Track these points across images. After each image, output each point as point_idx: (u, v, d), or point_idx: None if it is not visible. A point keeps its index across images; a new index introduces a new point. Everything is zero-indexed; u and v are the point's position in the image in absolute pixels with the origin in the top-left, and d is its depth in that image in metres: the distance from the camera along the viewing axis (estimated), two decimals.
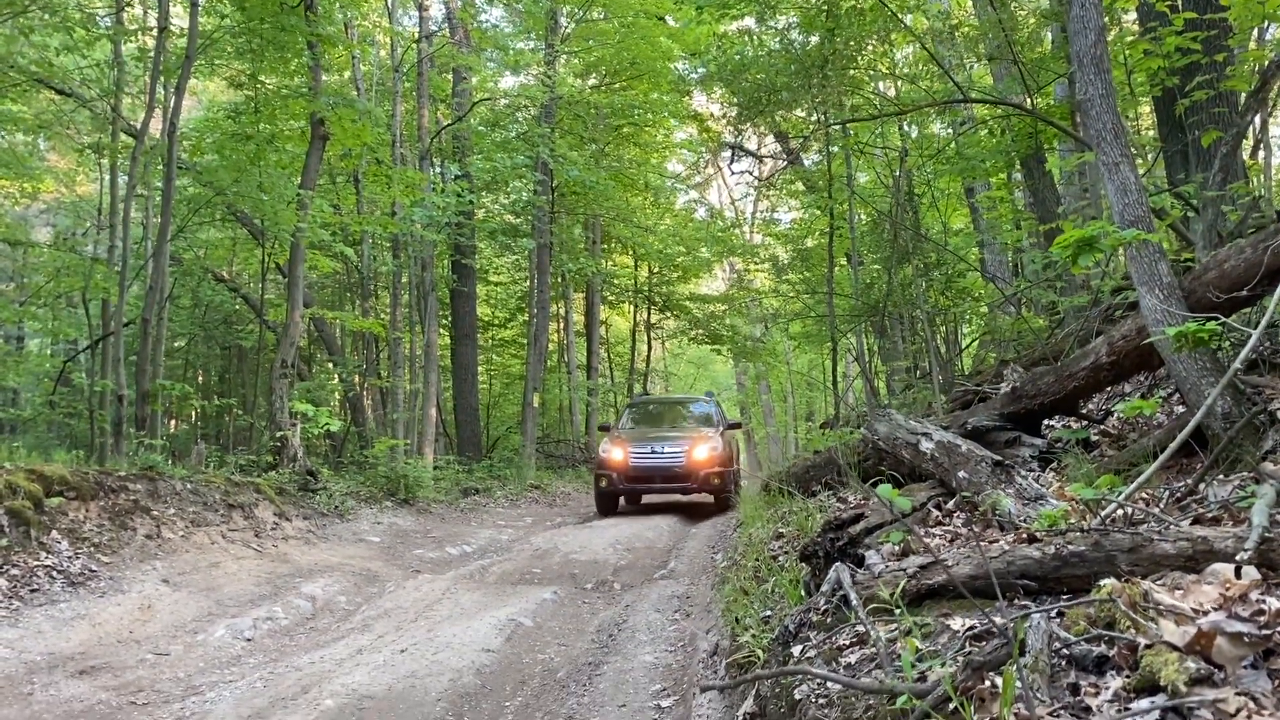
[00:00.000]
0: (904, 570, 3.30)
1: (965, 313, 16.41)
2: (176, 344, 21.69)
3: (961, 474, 4.52)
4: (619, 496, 14.56)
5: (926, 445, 4.92)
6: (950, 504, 4.54)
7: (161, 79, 12.73)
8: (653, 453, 13.87)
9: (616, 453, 13.91)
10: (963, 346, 17.31)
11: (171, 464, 10.96)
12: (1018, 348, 11.33)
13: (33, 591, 7.03)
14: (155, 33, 12.21)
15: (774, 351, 30.20)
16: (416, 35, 18.56)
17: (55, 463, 9.22)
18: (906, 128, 15.01)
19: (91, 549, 7.88)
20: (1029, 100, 10.31)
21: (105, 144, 13.93)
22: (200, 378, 24.54)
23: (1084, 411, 5.64)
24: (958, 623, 2.82)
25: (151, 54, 12.75)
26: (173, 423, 20.94)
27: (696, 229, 27.17)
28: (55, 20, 11.57)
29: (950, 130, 14.31)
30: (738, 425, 15.93)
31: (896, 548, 3.64)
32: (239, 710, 5.01)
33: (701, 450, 13.87)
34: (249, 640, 6.77)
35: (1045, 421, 5.75)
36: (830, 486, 7.17)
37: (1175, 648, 1.92)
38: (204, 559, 8.70)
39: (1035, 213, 12.83)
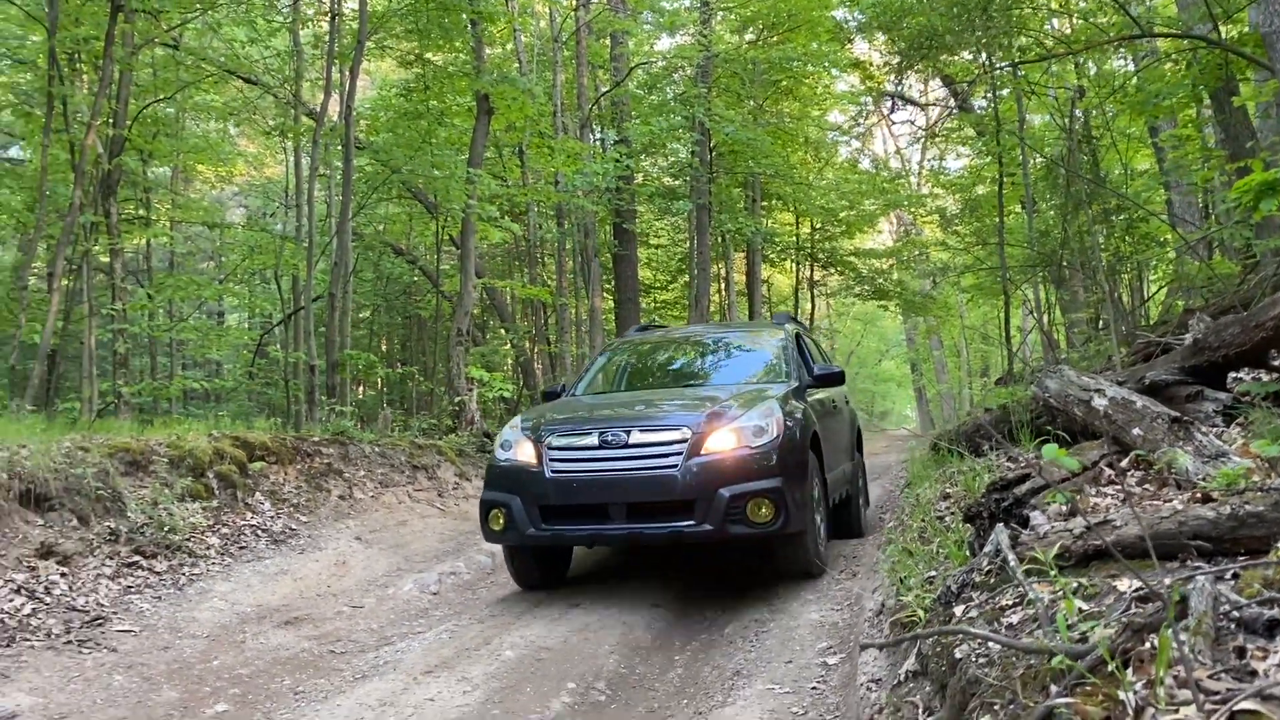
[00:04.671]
0: (1070, 530, 3.25)
1: (1151, 260, 15.51)
2: (361, 315, 22.91)
3: (1136, 431, 4.36)
4: (533, 554, 6.94)
5: (1099, 402, 4.75)
6: (1124, 462, 4.39)
7: (336, 63, 13.44)
8: (604, 446, 6.35)
9: (525, 450, 6.59)
10: (1148, 295, 16.40)
11: (360, 429, 11.67)
12: (1207, 295, 10.66)
13: (241, 549, 7.70)
14: (329, 19, 12.86)
15: (945, 305, 29.31)
16: (574, 4, 18.82)
17: (256, 429, 9.99)
18: (1082, 63, 14.23)
19: (291, 509, 8.53)
20: (1217, 29, 9.62)
21: (288, 128, 14.82)
22: (384, 345, 25.87)
23: (1274, 363, 5.30)
24: (1124, 584, 2.77)
25: (326, 39, 13.49)
26: (360, 389, 22.21)
27: (860, 181, 26.58)
28: (239, 12, 12.38)
29: (1130, 65, 13.46)
30: (836, 378, 7.82)
31: (1064, 508, 3.57)
32: (427, 659, 5.38)
33: (722, 438, 6.23)
34: (435, 594, 7.22)
35: (1231, 374, 5.45)
36: (1000, 445, 7.01)
37: None
38: (392, 518, 9.28)
39: (1227, 149, 11.99)
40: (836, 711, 4.33)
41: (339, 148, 13.72)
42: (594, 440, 6.41)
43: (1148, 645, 2.08)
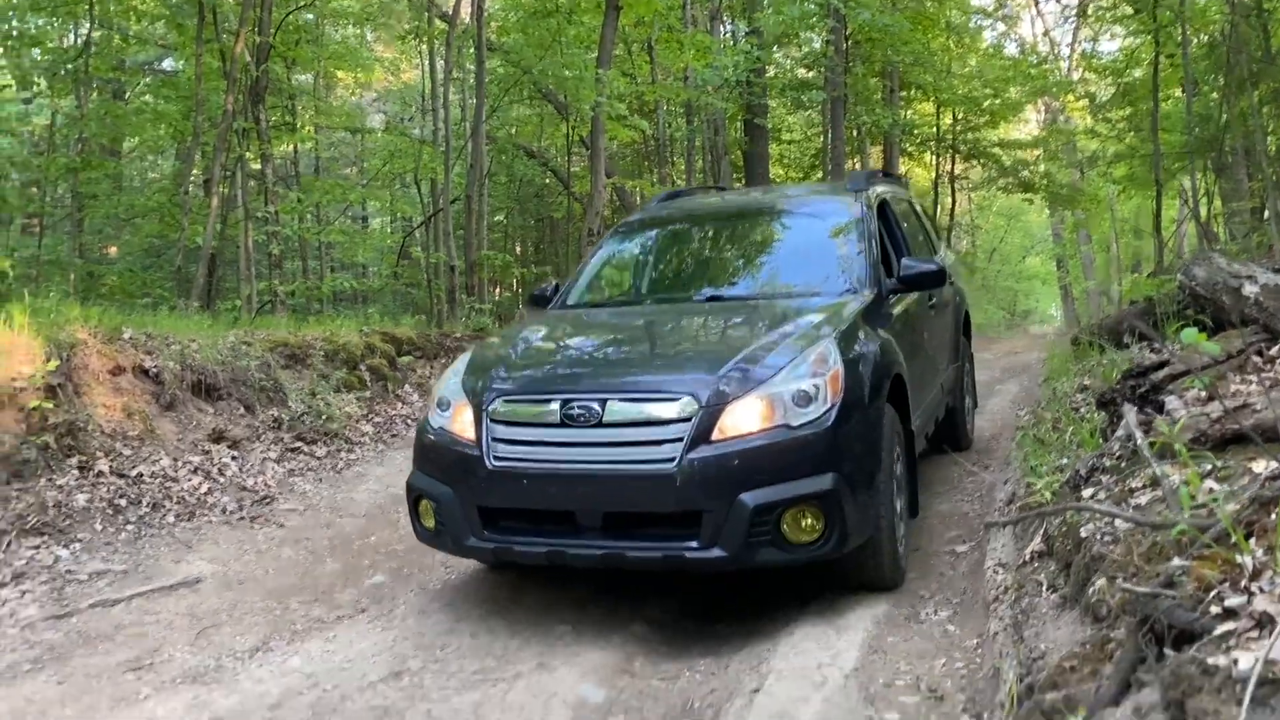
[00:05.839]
0: (1206, 414, 3.20)
1: None
2: (496, 218, 23.36)
3: None
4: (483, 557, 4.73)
5: (1250, 289, 4.56)
6: (1274, 350, 4.23)
7: None
8: (568, 423, 4.15)
9: (462, 419, 4.46)
10: None
11: (498, 327, 12.07)
12: None
13: (392, 436, 8.18)
14: None
15: (1094, 198, 27.86)
16: None
17: (403, 326, 10.47)
18: None
19: None
20: None
21: (423, 30, 15.04)
22: (518, 248, 26.38)
23: None
24: (1260, 466, 2.73)
25: None
26: (497, 290, 22.80)
27: (1005, 68, 25.27)
28: None
29: None
30: (931, 278, 5.20)
31: (1202, 393, 3.49)
32: None
33: (746, 412, 4.00)
34: None
35: None
36: (1144, 338, 6.79)
37: None
38: None
39: None
40: (963, 595, 4.40)
41: (471, 50, 13.88)
42: (554, 412, 4.21)
43: (1273, 517, 2.09)
